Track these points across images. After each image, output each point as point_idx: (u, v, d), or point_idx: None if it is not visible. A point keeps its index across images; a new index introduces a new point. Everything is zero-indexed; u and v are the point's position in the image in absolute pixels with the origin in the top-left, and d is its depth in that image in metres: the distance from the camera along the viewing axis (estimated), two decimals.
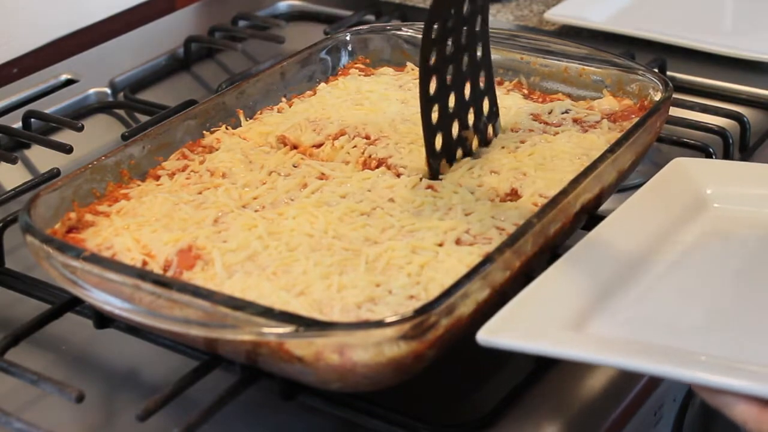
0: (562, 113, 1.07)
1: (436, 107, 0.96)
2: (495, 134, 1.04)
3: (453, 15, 0.96)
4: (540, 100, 1.11)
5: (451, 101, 0.98)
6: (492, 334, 0.76)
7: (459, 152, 1.00)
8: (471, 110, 1.01)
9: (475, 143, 1.01)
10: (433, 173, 0.97)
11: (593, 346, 0.76)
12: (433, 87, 0.95)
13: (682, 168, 0.98)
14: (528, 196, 0.93)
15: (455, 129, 0.99)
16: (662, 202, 0.94)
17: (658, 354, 0.75)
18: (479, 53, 1.02)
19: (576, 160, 0.98)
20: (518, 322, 0.77)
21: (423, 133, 0.96)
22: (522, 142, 1.02)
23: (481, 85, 1.02)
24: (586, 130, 1.04)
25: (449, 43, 0.96)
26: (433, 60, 0.94)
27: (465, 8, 0.97)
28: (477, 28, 1.00)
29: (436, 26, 0.94)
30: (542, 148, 1.00)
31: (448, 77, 0.97)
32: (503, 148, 1.01)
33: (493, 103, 1.04)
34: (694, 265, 0.88)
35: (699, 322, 0.81)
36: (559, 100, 1.10)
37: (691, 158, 1.00)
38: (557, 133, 1.03)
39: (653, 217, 0.92)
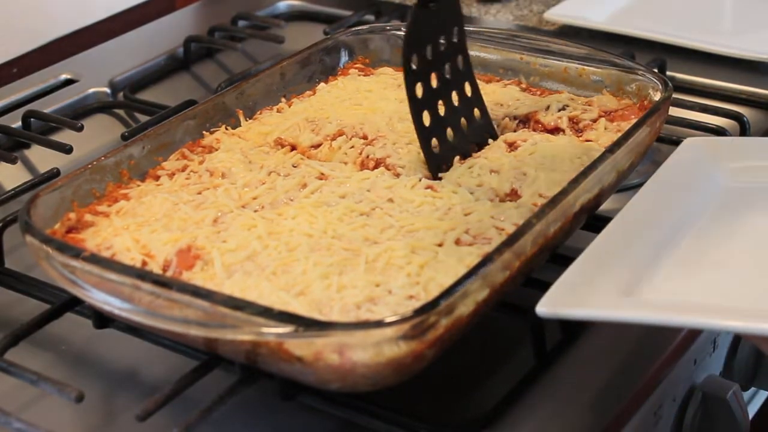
0: (559, 110, 1.07)
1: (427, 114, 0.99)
2: (494, 138, 1.04)
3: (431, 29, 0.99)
4: (539, 93, 1.11)
5: (441, 110, 1.00)
6: (551, 306, 0.78)
7: (457, 158, 1.00)
8: (462, 119, 1.02)
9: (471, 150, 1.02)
10: (434, 174, 0.97)
11: (651, 308, 0.79)
12: (419, 92, 0.98)
13: (695, 146, 1.00)
14: (528, 196, 0.93)
15: (450, 135, 1.00)
16: (678, 179, 0.96)
17: (719, 311, 0.78)
18: (460, 65, 1.03)
19: (576, 159, 0.98)
20: (572, 293, 0.80)
21: (418, 137, 0.97)
22: (523, 140, 1.02)
23: (468, 94, 1.04)
24: (582, 132, 1.04)
25: (429, 50, 0.99)
26: (415, 64, 0.97)
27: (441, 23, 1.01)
28: (455, 39, 1.03)
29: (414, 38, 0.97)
30: (543, 147, 1.00)
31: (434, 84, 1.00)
32: (503, 143, 1.02)
33: (484, 113, 1.04)
34: (719, 235, 0.90)
35: (737, 285, 0.84)
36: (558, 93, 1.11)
37: (701, 137, 1.04)
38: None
39: (672, 194, 0.94)
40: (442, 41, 1.01)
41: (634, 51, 1.35)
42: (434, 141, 0.98)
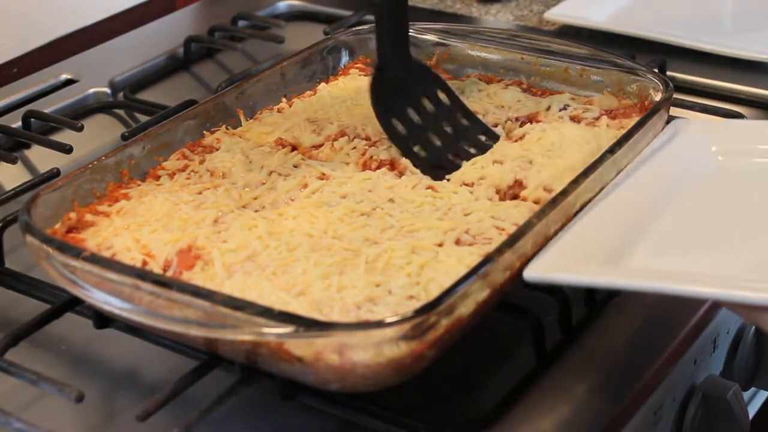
0: (560, 110, 1.07)
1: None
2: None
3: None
4: (540, 93, 1.11)
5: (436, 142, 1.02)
6: (539, 271, 0.82)
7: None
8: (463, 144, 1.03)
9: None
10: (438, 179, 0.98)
11: (635, 275, 0.82)
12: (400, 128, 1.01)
13: (682, 126, 1.03)
14: (533, 188, 0.93)
15: (453, 157, 1.01)
16: (667, 156, 0.98)
17: (703, 280, 0.80)
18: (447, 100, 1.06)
19: (585, 145, 0.98)
20: (560, 260, 0.83)
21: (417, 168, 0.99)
22: (532, 128, 1.02)
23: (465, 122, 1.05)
24: None
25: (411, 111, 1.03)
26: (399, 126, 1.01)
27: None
28: (442, 97, 1.06)
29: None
30: (551, 134, 1.00)
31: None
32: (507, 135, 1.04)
33: (489, 134, 1.04)
34: (702, 211, 0.93)
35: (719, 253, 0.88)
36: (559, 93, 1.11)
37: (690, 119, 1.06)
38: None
39: (661, 171, 0.96)
40: (426, 103, 1.04)
41: (635, 51, 1.34)
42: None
